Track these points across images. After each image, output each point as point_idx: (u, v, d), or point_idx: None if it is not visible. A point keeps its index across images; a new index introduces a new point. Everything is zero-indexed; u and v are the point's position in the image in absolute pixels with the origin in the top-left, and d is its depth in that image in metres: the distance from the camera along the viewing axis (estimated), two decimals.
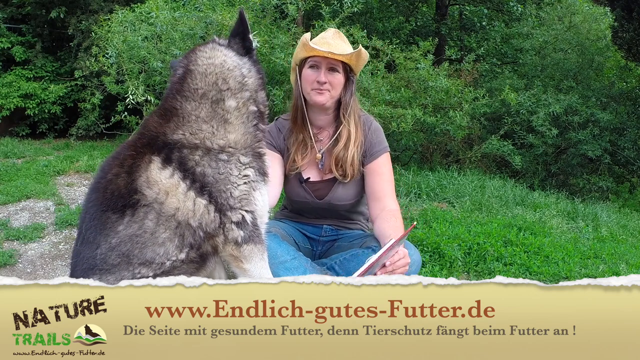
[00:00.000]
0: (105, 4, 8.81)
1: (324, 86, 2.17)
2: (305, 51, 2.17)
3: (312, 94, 2.20)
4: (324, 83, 2.17)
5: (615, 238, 4.61)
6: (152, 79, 5.73)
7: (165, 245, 1.59)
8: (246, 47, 1.76)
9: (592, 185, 8.08)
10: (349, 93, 2.24)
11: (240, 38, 1.76)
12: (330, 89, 2.19)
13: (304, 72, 2.22)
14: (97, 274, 1.57)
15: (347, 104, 2.24)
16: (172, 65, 1.87)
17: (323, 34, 2.27)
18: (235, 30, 1.77)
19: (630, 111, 8.71)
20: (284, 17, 5.87)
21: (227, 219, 1.64)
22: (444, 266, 3.33)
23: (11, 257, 3.43)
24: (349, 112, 2.24)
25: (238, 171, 1.67)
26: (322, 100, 2.20)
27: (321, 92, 2.18)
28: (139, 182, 1.60)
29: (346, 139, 2.23)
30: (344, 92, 2.24)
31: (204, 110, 1.67)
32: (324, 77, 2.17)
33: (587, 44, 9.02)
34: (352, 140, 2.23)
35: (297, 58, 2.26)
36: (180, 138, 1.64)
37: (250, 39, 1.77)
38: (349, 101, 2.24)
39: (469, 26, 12.28)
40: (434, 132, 6.46)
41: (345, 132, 2.24)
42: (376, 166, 2.27)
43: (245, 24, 1.75)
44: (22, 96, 8.73)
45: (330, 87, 2.19)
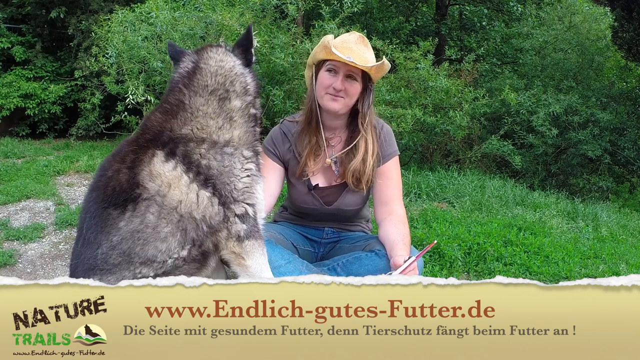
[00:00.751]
0: (105, 4, 8.80)
1: (339, 93, 2.09)
2: (326, 53, 2.06)
3: (326, 99, 2.12)
4: (339, 90, 2.08)
5: (615, 238, 4.61)
6: (152, 79, 5.73)
7: (168, 241, 1.59)
8: (248, 59, 1.86)
9: (592, 185, 8.09)
10: (367, 103, 2.15)
11: (244, 50, 1.86)
12: (346, 97, 2.10)
13: (320, 74, 2.12)
14: (97, 275, 1.56)
15: (365, 114, 2.15)
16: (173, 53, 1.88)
17: (346, 37, 2.14)
18: (241, 42, 1.87)
19: (630, 111, 8.72)
20: (284, 17, 5.87)
21: (230, 212, 1.66)
22: (444, 266, 3.33)
23: (11, 257, 3.43)
24: (367, 123, 2.16)
25: (241, 164, 1.72)
26: (336, 108, 2.11)
27: (335, 99, 2.10)
28: (142, 176, 1.61)
29: (364, 151, 2.15)
30: (362, 101, 2.15)
31: (212, 106, 1.73)
32: (341, 84, 2.07)
33: (587, 44, 9.02)
34: (369, 153, 2.16)
35: (315, 57, 2.14)
36: (188, 133, 1.68)
37: (252, 53, 1.88)
38: (367, 111, 2.15)
39: (469, 26, 12.29)
40: (434, 132, 6.46)
41: (362, 143, 2.16)
42: (386, 169, 2.23)
43: (251, 38, 1.86)
44: (22, 96, 8.72)
45: (346, 95, 2.10)
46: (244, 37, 1.87)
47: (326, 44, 2.05)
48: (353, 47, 2.08)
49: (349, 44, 2.10)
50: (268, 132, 2.38)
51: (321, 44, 2.09)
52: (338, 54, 2.01)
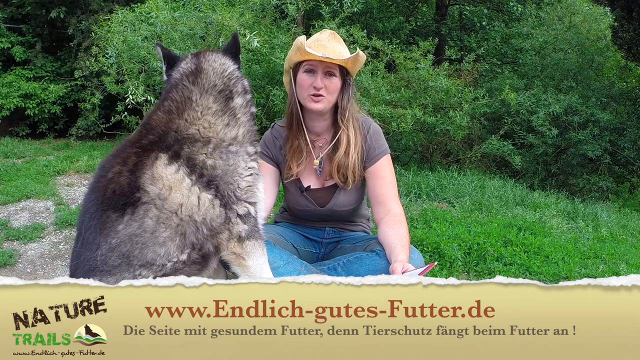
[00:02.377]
0: (105, 4, 8.80)
1: (320, 91, 2.09)
2: (300, 55, 2.07)
3: (308, 101, 2.12)
4: (320, 88, 2.09)
5: (615, 238, 4.61)
6: (152, 79, 5.73)
7: (166, 245, 1.58)
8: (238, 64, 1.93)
9: (592, 185, 8.08)
10: (346, 97, 2.16)
11: (234, 55, 1.91)
12: (327, 94, 2.11)
13: (299, 77, 2.13)
14: (97, 276, 1.56)
15: (344, 109, 2.16)
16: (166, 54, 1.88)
17: (318, 36, 2.17)
18: (229, 48, 1.92)
19: (630, 111, 8.72)
20: (283, 17, 5.88)
21: (232, 212, 1.67)
22: (444, 266, 3.33)
23: (11, 257, 3.43)
24: (347, 117, 2.17)
25: (245, 163, 1.74)
26: (320, 107, 2.12)
27: (318, 99, 2.10)
28: (143, 180, 1.60)
29: (346, 144, 2.17)
30: (341, 96, 2.16)
31: (219, 104, 1.76)
32: (321, 82, 2.08)
33: (587, 44, 9.02)
34: (352, 146, 2.16)
35: (290, 61, 2.16)
36: (195, 132, 1.69)
37: (240, 60, 1.95)
38: (346, 105, 2.16)
39: (469, 26, 12.28)
40: (434, 132, 6.46)
41: (344, 137, 2.17)
42: (377, 169, 2.22)
43: (239, 45, 1.93)
44: (22, 96, 8.72)
45: (327, 92, 2.11)
46: (231, 43, 1.92)
47: (299, 45, 2.06)
48: (326, 44, 2.11)
49: (321, 41, 2.12)
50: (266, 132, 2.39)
51: (294, 46, 2.10)
52: (313, 52, 2.03)
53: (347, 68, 2.13)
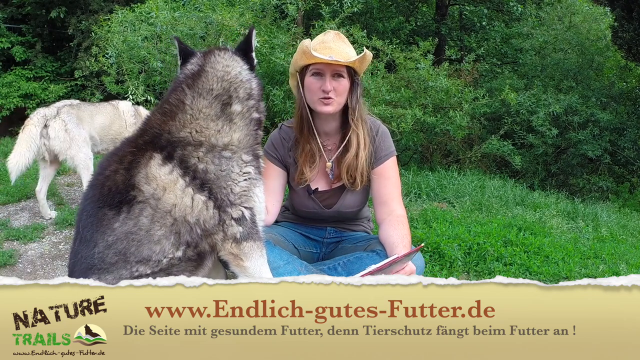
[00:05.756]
0: (105, 4, 8.82)
1: (330, 94, 2.07)
2: (307, 58, 2.05)
3: (319, 104, 2.09)
4: (329, 91, 2.07)
5: (615, 238, 4.61)
6: (152, 79, 5.73)
7: (161, 243, 1.60)
8: (250, 63, 1.88)
9: (592, 185, 8.09)
10: (355, 97, 2.14)
11: (245, 53, 1.87)
12: (336, 96, 2.09)
13: (306, 81, 2.11)
14: (95, 274, 1.57)
15: (354, 109, 2.15)
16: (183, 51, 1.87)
17: (323, 37, 2.15)
18: (243, 45, 1.88)
19: (630, 111, 8.72)
20: (284, 17, 5.87)
21: (226, 215, 1.66)
22: (444, 266, 3.33)
23: (11, 257, 3.43)
24: (356, 117, 2.16)
25: (239, 168, 1.72)
26: (330, 110, 2.10)
27: (328, 102, 2.09)
28: (138, 178, 1.61)
29: (356, 146, 2.15)
30: (350, 96, 2.14)
31: (213, 109, 1.73)
32: (329, 84, 2.06)
33: (587, 44, 9.03)
34: (361, 147, 2.16)
35: (297, 65, 2.14)
36: (186, 136, 1.68)
37: (254, 57, 1.90)
38: (355, 105, 2.15)
39: (469, 26, 12.29)
40: (434, 132, 6.46)
41: (354, 138, 2.16)
42: (383, 170, 2.22)
43: (250, 42, 1.87)
44: (22, 96, 8.74)
45: (336, 94, 2.09)
46: (245, 41, 1.88)
47: (305, 48, 2.04)
48: (332, 45, 2.09)
49: (327, 43, 2.10)
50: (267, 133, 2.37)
51: (299, 50, 2.08)
52: (319, 56, 2.01)
53: (354, 68, 2.12)
